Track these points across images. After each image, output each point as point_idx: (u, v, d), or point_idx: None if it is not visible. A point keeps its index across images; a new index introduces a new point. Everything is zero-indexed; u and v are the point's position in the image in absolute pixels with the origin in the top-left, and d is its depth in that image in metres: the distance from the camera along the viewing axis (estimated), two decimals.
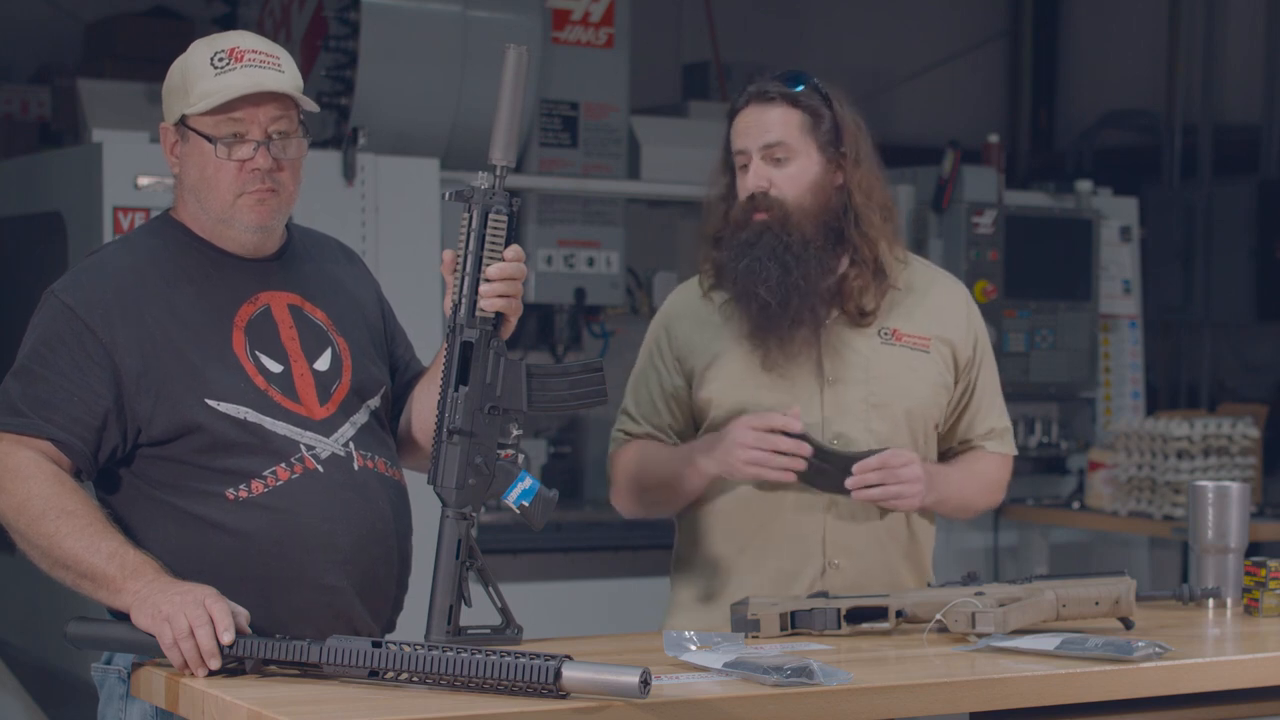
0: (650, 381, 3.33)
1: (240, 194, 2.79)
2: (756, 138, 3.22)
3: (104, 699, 2.78)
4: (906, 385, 3.25)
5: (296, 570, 2.73)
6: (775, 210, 3.20)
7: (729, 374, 3.24)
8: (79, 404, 2.71)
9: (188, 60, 2.81)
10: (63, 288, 2.80)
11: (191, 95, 2.77)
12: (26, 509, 2.66)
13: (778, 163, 3.21)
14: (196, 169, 2.80)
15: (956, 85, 9.33)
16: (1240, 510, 3.40)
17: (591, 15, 5.96)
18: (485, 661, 2.42)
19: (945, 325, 3.31)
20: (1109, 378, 6.91)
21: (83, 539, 2.63)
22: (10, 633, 5.74)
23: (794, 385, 3.21)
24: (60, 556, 2.64)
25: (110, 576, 2.61)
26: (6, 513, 2.69)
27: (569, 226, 5.93)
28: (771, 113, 3.22)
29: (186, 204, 2.85)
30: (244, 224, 2.82)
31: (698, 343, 3.29)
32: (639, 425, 3.33)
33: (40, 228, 5.44)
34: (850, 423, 3.21)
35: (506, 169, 2.81)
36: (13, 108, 6.96)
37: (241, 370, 2.77)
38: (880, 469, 3.12)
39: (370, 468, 2.84)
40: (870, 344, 3.25)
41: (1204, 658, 2.89)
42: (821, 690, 2.52)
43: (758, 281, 3.17)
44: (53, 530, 2.64)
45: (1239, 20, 9.17)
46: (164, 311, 2.76)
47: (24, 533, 2.67)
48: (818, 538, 3.19)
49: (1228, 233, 8.79)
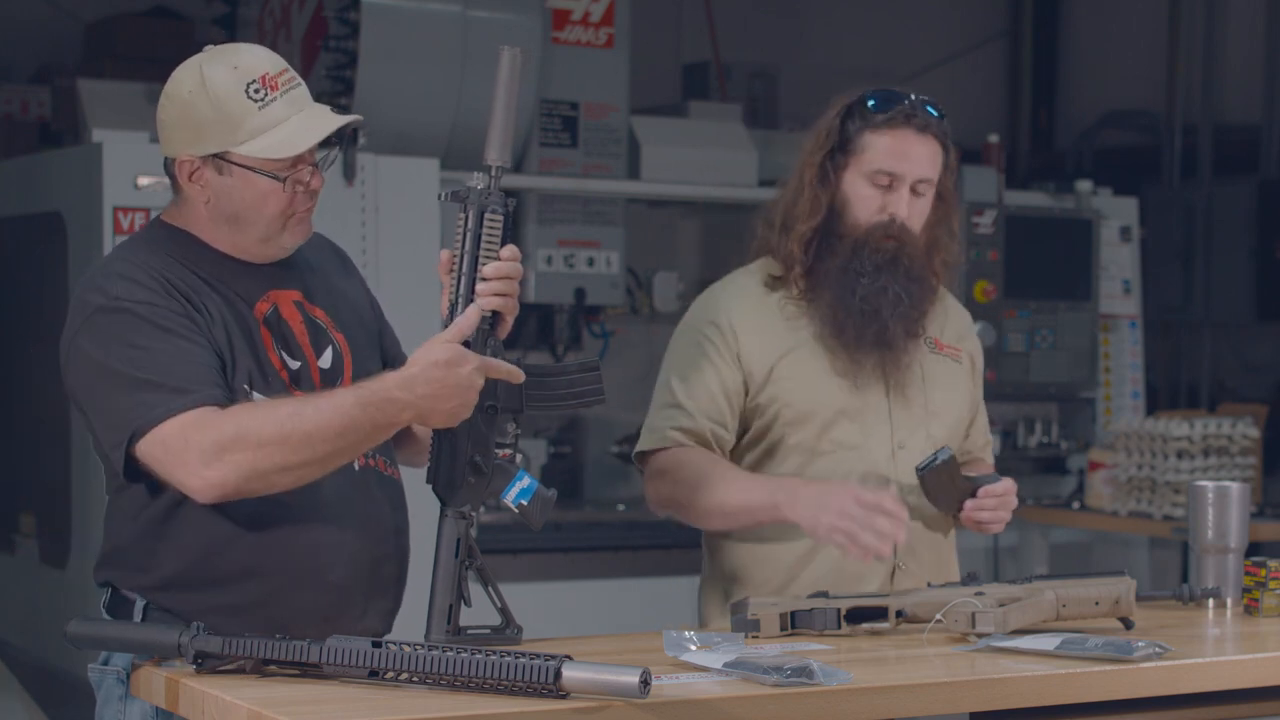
0: (708, 376, 3.25)
1: (291, 215, 2.78)
2: (914, 168, 3.23)
3: (102, 699, 2.78)
4: (953, 393, 3.34)
5: (304, 567, 2.73)
6: (905, 240, 3.24)
7: (799, 375, 3.24)
8: (215, 369, 2.65)
9: (213, 90, 2.72)
10: (127, 293, 2.67)
11: (240, 132, 2.71)
12: (265, 438, 2.56)
13: (921, 195, 3.26)
14: (242, 200, 2.75)
15: (956, 85, 9.32)
16: (1240, 510, 3.40)
17: (591, 15, 5.96)
18: (485, 661, 2.41)
19: (964, 337, 3.42)
20: (1109, 378, 6.91)
21: (323, 406, 2.59)
22: (10, 633, 5.74)
23: (864, 393, 3.24)
24: (334, 428, 2.58)
25: (386, 396, 2.59)
26: (261, 460, 2.57)
27: (569, 226, 5.93)
28: (928, 146, 3.25)
29: (209, 225, 2.80)
30: (291, 244, 2.81)
31: (758, 340, 3.26)
32: (696, 421, 3.24)
33: (40, 228, 5.44)
34: (913, 430, 3.26)
35: (502, 169, 2.81)
36: (13, 108, 6.96)
37: (273, 365, 2.77)
38: (1002, 496, 3.19)
39: (371, 466, 2.85)
40: (921, 352, 3.31)
41: (1204, 658, 2.89)
42: (821, 690, 2.52)
43: (884, 302, 3.20)
44: (298, 427, 2.56)
45: (1239, 20, 9.17)
46: (205, 300, 2.74)
47: (292, 456, 2.57)
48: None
49: (1228, 233, 8.79)
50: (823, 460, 3.23)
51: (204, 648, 2.54)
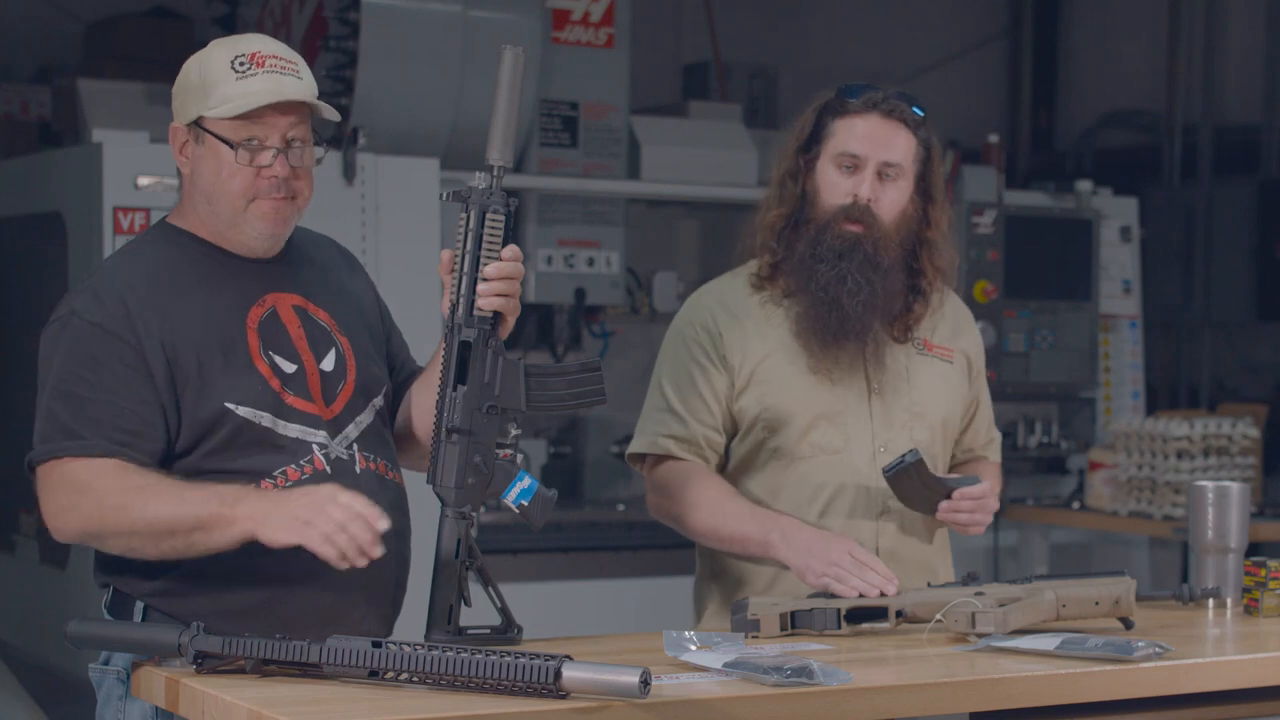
0: (698, 381, 3.27)
1: (253, 199, 2.78)
2: (879, 150, 3.22)
3: (102, 700, 2.78)
4: (940, 395, 3.30)
5: (300, 570, 2.73)
6: (871, 226, 3.22)
7: (777, 378, 3.24)
8: (132, 416, 2.69)
9: (206, 61, 2.78)
10: (83, 307, 2.75)
11: (211, 98, 2.75)
12: (104, 507, 2.63)
13: (888, 180, 3.23)
14: (210, 172, 2.78)
15: (956, 85, 9.32)
16: (1240, 510, 3.40)
17: (591, 15, 5.96)
18: (485, 661, 2.42)
19: (961, 337, 3.39)
20: (1109, 378, 6.91)
21: (168, 499, 2.60)
22: (10, 633, 5.74)
23: (844, 393, 3.23)
24: (160, 526, 2.60)
25: (217, 514, 2.59)
26: (89, 524, 2.65)
27: (569, 226, 5.93)
28: (896, 132, 3.24)
29: (195, 206, 2.83)
30: (256, 230, 2.81)
31: (741, 342, 3.27)
32: (688, 427, 3.27)
33: (40, 228, 5.43)
34: (895, 432, 3.24)
35: (503, 169, 2.81)
36: (13, 108, 6.96)
37: (258, 373, 2.77)
38: (978, 499, 3.16)
39: (372, 469, 2.85)
40: (907, 353, 3.30)
41: (1204, 658, 2.89)
42: (821, 690, 2.52)
43: (843, 290, 3.18)
44: (139, 507, 2.61)
45: (1239, 20, 9.17)
46: (181, 318, 2.75)
47: (116, 530, 2.64)
48: (871, 545, 3.21)
49: (1228, 233, 8.79)
50: (803, 465, 3.23)
51: (204, 648, 2.54)
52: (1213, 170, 9.02)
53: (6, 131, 6.82)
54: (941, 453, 3.30)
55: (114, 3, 6.91)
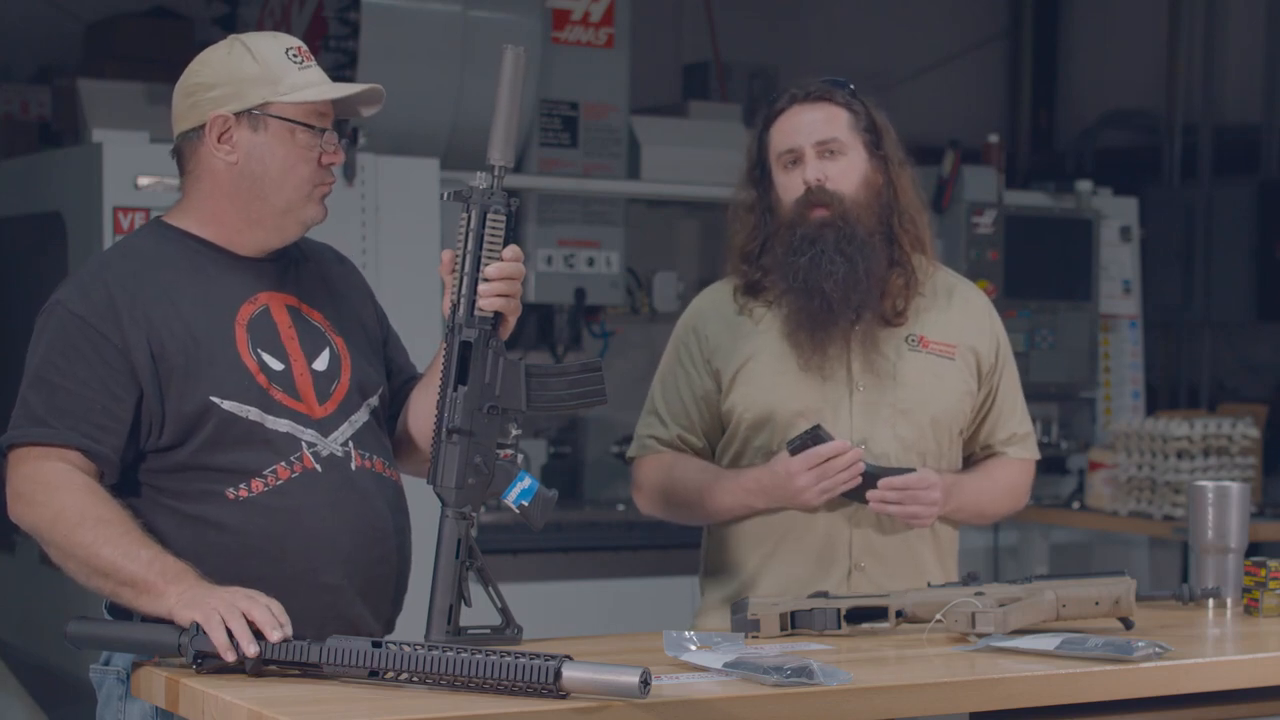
0: (680, 383, 3.33)
1: (317, 185, 2.83)
2: (809, 134, 3.25)
3: (102, 700, 2.78)
4: (932, 392, 3.28)
5: (296, 570, 2.73)
6: (835, 205, 3.23)
7: (758, 379, 3.25)
8: (102, 411, 2.70)
9: (258, 50, 2.80)
10: (69, 297, 2.77)
11: (281, 84, 2.78)
12: (61, 520, 2.65)
13: (831, 156, 3.25)
14: (276, 158, 2.80)
15: (956, 85, 9.32)
16: (1240, 510, 3.40)
17: (591, 15, 5.96)
18: (485, 661, 2.42)
19: (970, 332, 3.35)
20: (1109, 378, 6.91)
21: (120, 547, 2.62)
22: (10, 633, 5.74)
23: (824, 391, 3.23)
24: (99, 565, 2.63)
25: (151, 582, 2.60)
26: (41, 525, 2.67)
27: (569, 226, 5.93)
28: (819, 111, 3.27)
29: (211, 202, 2.83)
30: (309, 217, 2.86)
31: (727, 345, 3.29)
32: (668, 429, 3.33)
33: (40, 228, 5.43)
34: (878, 429, 3.23)
35: (505, 169, 2.81)
36: (13, 108, 6.96)
37: (245, 368, 2.77)
38: (903, 490, 3.15)
39: (368, 467, 2.85)
40: (898, 350, 3.28)
41: (1204, 658, 2.89)
42: (821, 690, 2.52)
43: (823, 276, 3.19)
44: (90, 540, 2.62)
45: (1239, 20, 9.17)
46: (168, 313, 2.76)
47: (60, 544, 2.66)
48: (844, 541, 3.22)
49: (1228, 233, 8.79)
50: None
51: (204, 648, 2.54)
52: (1213, 170, 9.02)
53: (6, 131, 6.82)
54: (934, 450, 3.27)
55: (114, 3, 6.91)
